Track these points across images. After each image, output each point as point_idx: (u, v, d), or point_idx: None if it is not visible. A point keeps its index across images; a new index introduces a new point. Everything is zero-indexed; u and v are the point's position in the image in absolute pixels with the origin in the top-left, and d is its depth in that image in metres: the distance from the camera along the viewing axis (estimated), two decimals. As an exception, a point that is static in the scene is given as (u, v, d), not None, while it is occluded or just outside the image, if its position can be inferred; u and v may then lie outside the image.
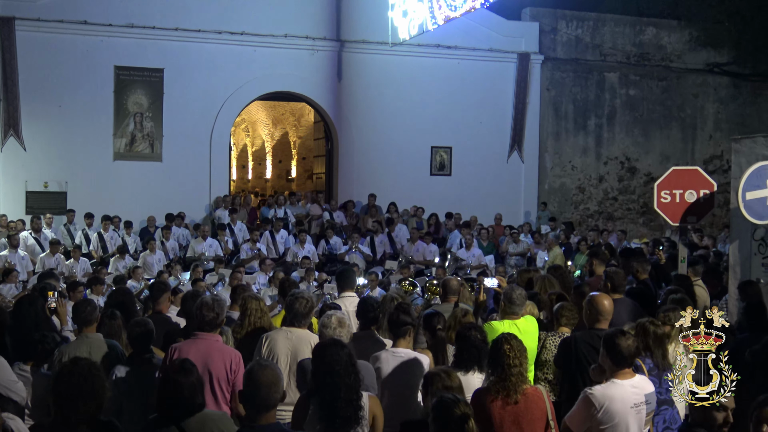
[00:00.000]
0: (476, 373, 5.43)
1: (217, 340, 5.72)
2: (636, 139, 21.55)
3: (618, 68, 21.32)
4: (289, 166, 29.07)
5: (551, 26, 20.75)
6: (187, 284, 12.71)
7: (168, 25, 17.46)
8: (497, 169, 20.21)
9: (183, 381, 4.32)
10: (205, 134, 18.14)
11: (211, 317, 5.68)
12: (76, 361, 4.48)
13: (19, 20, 16.45)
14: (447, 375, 4.98)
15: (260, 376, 4.09)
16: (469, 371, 5.41)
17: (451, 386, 4.85)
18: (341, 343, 4.83)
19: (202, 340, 5.63)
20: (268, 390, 4.05)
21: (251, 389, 4.08)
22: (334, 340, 4.94)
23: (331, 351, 4.68)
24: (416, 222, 18.11)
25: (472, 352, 5.43)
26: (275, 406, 4.11)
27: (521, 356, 4.91)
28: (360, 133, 19.22)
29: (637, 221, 21.59)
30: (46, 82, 16.83)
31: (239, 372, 5.54)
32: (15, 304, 6.34)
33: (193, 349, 5.53)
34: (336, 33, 18.82)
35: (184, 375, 4.35)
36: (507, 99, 20.27)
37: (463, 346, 5.47)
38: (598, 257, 9.18)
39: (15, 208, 16.62)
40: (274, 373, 4.14)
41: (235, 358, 5.61)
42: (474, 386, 5.36)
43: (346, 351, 4.72)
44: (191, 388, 4.33)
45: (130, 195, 17.22)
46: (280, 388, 4.12)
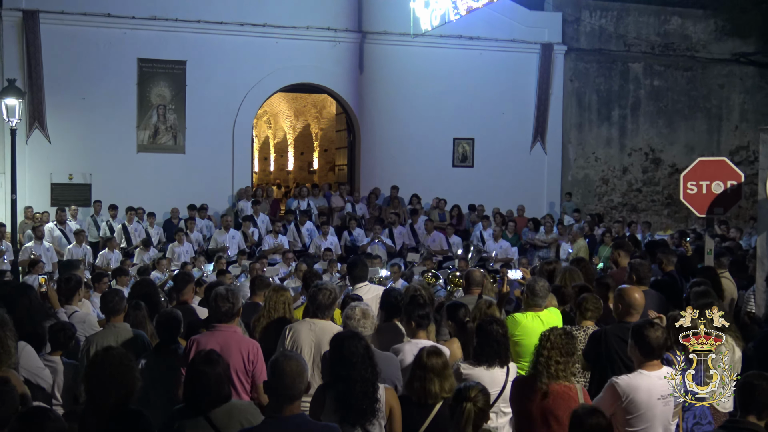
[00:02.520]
0: (497, 367, 5.42)
1: (234, 331, 5.74)
2: (660, 130, 21.34)
3: (642, 58, 21.11)
4: (311, 157, 29.07)
5: (574, 16, 20.59)
6: (210, 275, 12.79)
7: (190, 17, 17.52)
8: (520, 160, 20.11)
9: (209, 372, 4.36)
10: (228, 126, 18.20)
11: (227, 308, 5.69)
12: (109, 350, 4.55)
13: (44, 13, 16.56)
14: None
15: (285, 366, 4.08)
16: (492, 366, 5.41)
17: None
18: (358, 336, 4.83)
19: (220, 332, 5.66)
20: (293, 381, 4.04)
21: (275, 380, 4.08)
22: (351, 332, 4.94)
23: (348, 343, 4.69)
24: (438, 214, 18.08)
25: (492, 346, 5.41)
26: (299, 397, 4.09)
27: (558, 352, 4.90)
28: (382, 124, 19.19)
29: (661, 213, 21.41)
30: (70, 74, 16.95)
31: (258, 362, 5.57)
32: (2, 295, 6.35)
33: (211, 340, 5.55)
34: (358, 24, 18.79)
35: (211, 366, 4.39)
36: (530, 90, 20.15)
37: (483, 340, 5.45)
38: (623, 249, 9.10)
39: (40, 200, 16.79)
40: (299, 364, 4.13)
41: (253, 349, 5.63)
42: (498, 380, 5.37)
43: (363, 343, 4.72)
44: (218, 378, 4.37)
45: (154, 187, 17.32)
46: (304, 379, 4.11)
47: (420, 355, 4.91)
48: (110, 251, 14.69)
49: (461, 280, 8.41)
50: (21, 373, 5.51)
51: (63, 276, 7.56)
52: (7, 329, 4.92)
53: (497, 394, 5.32)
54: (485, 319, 5.67)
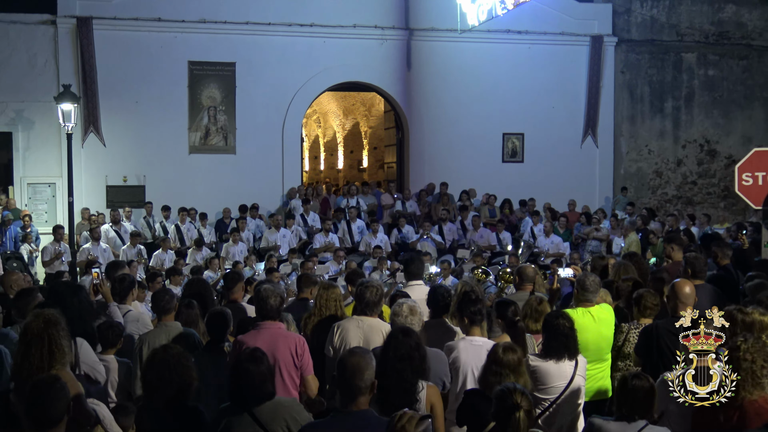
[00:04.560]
0: (565, 361, 5.45)
1: (279, 327, 5.80)
2: (716, 120, 20.86)
3: (696, 48, 20.66)
4: (361, 156, 29.14)
5: (625, 7, 20.24)
6: (261, 274, 12.92)
7: (239, 19, 17.70)
8: (571, 154, 19.86)
9: (253, 369, 4.41)
10: (277, 126, 18.34)
11: (270, 306, 5.75)
12: (168, 349, 4.65)
13: (97, 19, 16.91)
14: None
15: (347, 361, 4.13)
16: (561, 359, 5.46)
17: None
18: (410, 332, 4.83)
19: (266, 330, 5.72)
20: (352, 376, 4.07)
21: (339, 375, 4.15)
22: (404, 329, 4.93)
23: (396, 339, 4.71)
24: (488, 210, 17.96)
25: (560, 340, 5.47)
26: (364, 392, 4.10)
27: (760, 356, 4.48)
28: (430, 121, 19.13)
29: (717, 205, 20.93)
30: (123, 79, 17.26)
31: (305, 355, 5.63)
32: (55, 295, 6.48)
33: (258, 339, 5.61)
34: (404, 22, 18.76)
35: (255, 363, 4.44)
36: (580, 83, 19.88)
37: (551, 335, 5.50)
38: (676, 242, 8.93)
39: (96, 202, 17.16)
40: (360, 360, 4.14)
41: (299, 342, 5.69)
42: (566, 373, 5.39)
43: (413, 340, 4.71)
44: (262, 376, 4.42)
45: (205, 187, 17.57)
46: (365, 376, 4.09)
47: (495, 351, 4.95)
48: (164, 251, 14.95)
49: (512, 277, 8.34)
50: (82, 368, 5.65)
51: (117, 276, 7.67)
52: (60, 328, 5.02)
53: (564, 386, 5.40)
54: (551, 314, 5.77)
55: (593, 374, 6.25)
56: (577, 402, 5.55)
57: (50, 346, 4.87)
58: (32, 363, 4.83)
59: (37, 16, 16.96)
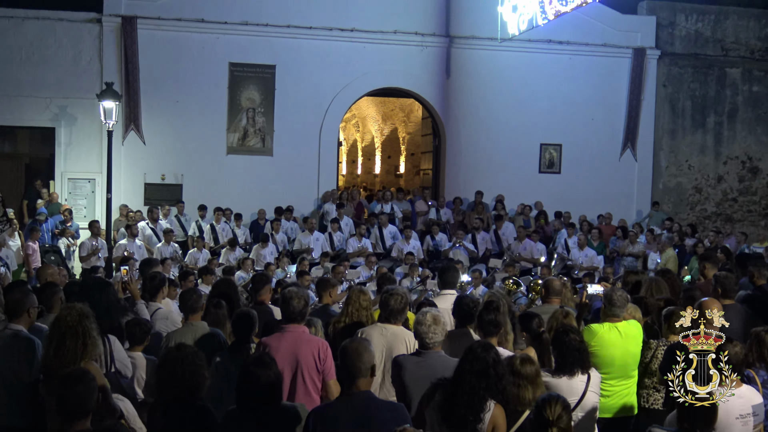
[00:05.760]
0: (578, 376, 5.37)
1: (303, 331, 5.80)
2: (759, 137, 20.51)
3: (741, 63, 20.33)
4: (398, 161, 29.19)
5: (669, 20, 20.00)
6: (293, 276, 12.97)
7: (280, 22, 17.83)
8: (609, 167, 19.66)
9: (260, 374, 4.42)
10: (315, 129, 18.43)
11: (294, 309, 5.77)
12: (181, 348, 4.68)
13: (141, 19, 17.15)
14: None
15: (347, 347, 4.45)
16: (574, 375, 5.38)
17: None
18: (489, 347, 4.74)
19: (290, 333, 5.72)
20: (352, 358, 4.35)
21: (340, 361, 4.46)
22: (485, 343, 4.85)
23: (474, 353, 4.65)
24: (523, 220, 17.85)
25: (573, 355, 5.38)
26: (365, 375, 4.35)
27: None
28: (468, 129, 19.08)
29: (758, 224, 20.56)
30: (164, 78, 17.47)
31: (327, 359, 5.63)
32: (83, 290, 6.57)
33: (282, 342, 5.63)
34: (445, 29, 18.75)
35: (262, 368, 4.45)
36: (620, 95, 19.68)
37: (563, 350, 5.42)
38: (710, 260, 8.79)
39: (134, 200, 17.38)
40: (359, 345, 4.43)
41: (323, 347, 5.68)
42: (577, 389, 5.31)
43: (490, 356, 4.64)
44: (268, 381, 4.43)
45: (242, 188, 17.71)
46: (365, 359, 4.38)
47: (513, 362, 4.89)
48: (198, 251, 15.09)
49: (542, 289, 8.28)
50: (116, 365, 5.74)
51: (148, 273, 7.77)
52: (92, 321, 5.12)
53: (575, 402, 5.29)
54: (560, 330, 5.62)
55: (618, 390, 6.17)
56: (589, 418, 5.47)
57: (84, 339, 4.98)
58: (66, 355, 4.93)
59: (84, 14, 17.26)
